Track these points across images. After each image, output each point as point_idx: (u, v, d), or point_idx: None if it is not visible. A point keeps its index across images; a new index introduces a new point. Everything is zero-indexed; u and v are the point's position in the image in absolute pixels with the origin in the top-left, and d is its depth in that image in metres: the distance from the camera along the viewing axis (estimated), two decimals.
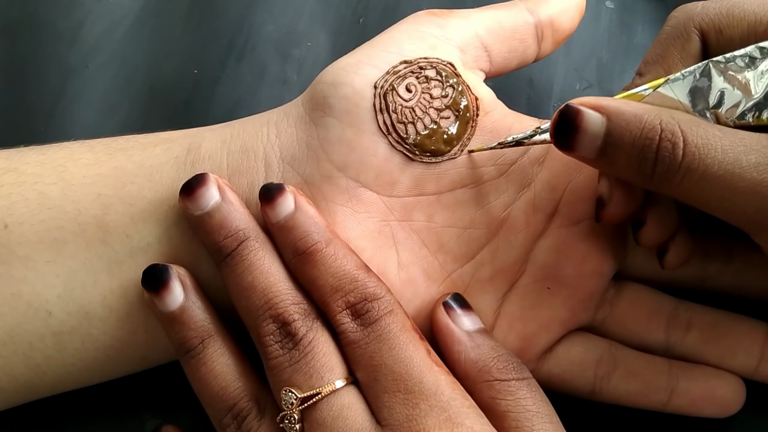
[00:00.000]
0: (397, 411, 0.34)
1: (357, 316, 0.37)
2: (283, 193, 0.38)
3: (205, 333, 0.38)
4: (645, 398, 0.40)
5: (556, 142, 0.36)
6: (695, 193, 0.33)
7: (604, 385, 0.40)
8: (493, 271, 0.41)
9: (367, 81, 0.39)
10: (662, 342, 0.41)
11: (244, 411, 0.37)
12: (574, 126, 0.35)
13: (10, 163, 0.40)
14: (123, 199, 0.39)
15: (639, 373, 0.40)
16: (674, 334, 0.41)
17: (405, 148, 0.39)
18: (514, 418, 0.36)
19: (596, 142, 0.34)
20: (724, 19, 0.36)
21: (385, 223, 0.39)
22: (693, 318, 0.41)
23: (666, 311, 0.41)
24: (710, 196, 0.33)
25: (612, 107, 0.34)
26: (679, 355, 0.41)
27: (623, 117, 0.34)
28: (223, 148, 0.40)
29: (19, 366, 0.38)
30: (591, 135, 0.34)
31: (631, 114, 0.34)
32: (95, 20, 0.54)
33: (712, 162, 0.32)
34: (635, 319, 0.41)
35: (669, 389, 0.40)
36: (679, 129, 0.33)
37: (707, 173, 0.32)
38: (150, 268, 0.38)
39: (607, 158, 0.35)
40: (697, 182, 0.33)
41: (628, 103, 0.34)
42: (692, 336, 0.41)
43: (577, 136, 0.35)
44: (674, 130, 0.33)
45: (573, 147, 0.35)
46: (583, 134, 0.35)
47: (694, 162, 0.32)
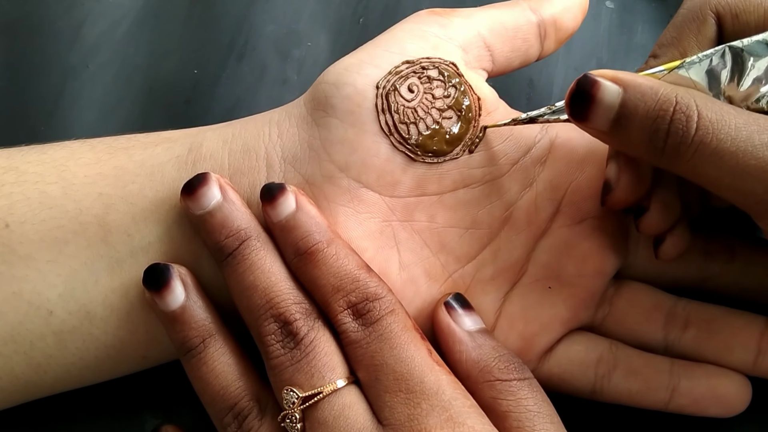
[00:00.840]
0: (398, 410, 0.35)
1: (358, 315, 0.37)
2: (284, 193, 0.38)
3: (206, 332, 0.38)
4: (646, 397, 0.40)
5: (570, 111, 0.36)
6: (706, 170, 0.33)
7: (604, 385, 0.40)
8: (495, 271, 0.41)
9: (370, 81, 0.39)
10: (661, 340, 0.41)
11: (245, 410, 0.37)
12: (590, 96, 0.35)
13: (11, 162, 0.40)
14: (124, 199, 0.39)
15: (640, 371, 0.40)
16: (672, 331, 0.41)
17: (407, 149, 0.39)
18: (515, 418, 0.36)
19: (610, 113, 0.34)
20: (741, 4, 0.36)
21: (386, 224, 0.39)
22: (691, 315, 0.41)
23: (664, 309, 0.41)
24: (721, 174, 0.33)
25: (629, 79, 0.34)
26: (678, 352, 0.41)
27: (639, 89, 0.34)
28: (225, 148, 0.40)
29: (20, 365, 0.38)
30: (606, 106, 0.34)
31: (648, 86, 0.34)
32: (95, 20, 0.54)
33: (725, 138, 0.32)
34: (634, 317, 0.41)
35: (671, 388, 0.40)
36: (694, 103, 0.33)
37: (719, 149, 0.32)
38: (151, 268, 0.38)
39: (620, 130, 0.35)
40: (709, 158, 0.33)
41: (645, 78, 0.35)
42: (690, 333, 0.41)
43: (592, 106, 0.35)
44: (689, 103, 0.33)
45: (587, 117, 0.35)
46: (598, 105, 0.34)
47: (707, 136, 0.32)
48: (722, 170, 0.33)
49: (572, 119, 0.36)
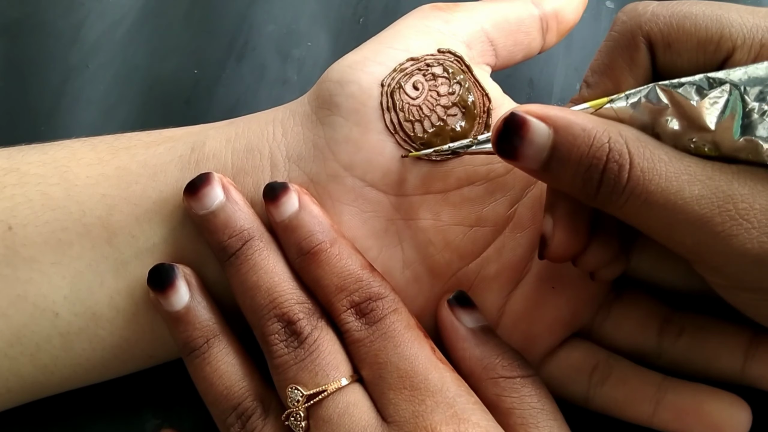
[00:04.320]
0: (403, 408, 0.35)
1: (361, 315, 0.37)
2: (287, 192, 0.38)
3: (209, 333, 0.38)
4: (631, 408, 0.40)
5: (498, 150, 0.34)
6: (637, 218, 0.32)
7: (597, 392, 0.40)
8: (499, 269, 0.41)
9: (374, 79, 0.39)
10: (655, 347, 0.41)
11: (248, 410, 0.37)
12: (518, 136, 0.33)
13: (12, 163, 0.39)
14: (127, 200, 0.39)
15: (629, 381, 0.40)
16: (666, 339, 0.40)
17: (412, 147, 0.39)
18: (519, 415, 0.36)
19: (541, 155, 0.33)
20: (674, 33, 0.33)
21: (391, 222, 0.39)
22: (685, 324, 0.40)
23: (660, 317, 0.41)
24: (651, 223, 0.32)
25: (560, 119, 0.33)
26: (671, 359, 0.40)
27: (571, 131, 0.32)
28: (228, 147, 0.40)
29: (26, 367, 0.38)
30: (536, 147, 0.33)
31: (580, 128, 0.32)
32: (95, 20, 0.54)
33: (655, 189, 0.31)
34: (630, 322, 0.41)
35: (656, 400, 0.39)
36: (626, 150, 0.32)
37: (650, 200, 0.31)
38: (156, 268, 0.38)
39: (551, 172, 0.33)
40: (640, 208, 0.32)
41: (576, 115, 0.33)
42: (682, 340, 0.40)
43: (521, 147, 0.33)
44: (622, 150, 0.32)
45: (516, 157, 0.34)
46: (527, 146, 0.33)
47: (637, 187, 0.31)
48: (653, 220, 0.32)
49: (500, 157, 0.35)
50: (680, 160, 0.32)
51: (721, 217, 0.31)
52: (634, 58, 0.34)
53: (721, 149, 0.31)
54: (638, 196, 0.31)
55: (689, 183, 0.31)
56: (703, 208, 0.31)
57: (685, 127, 0.32)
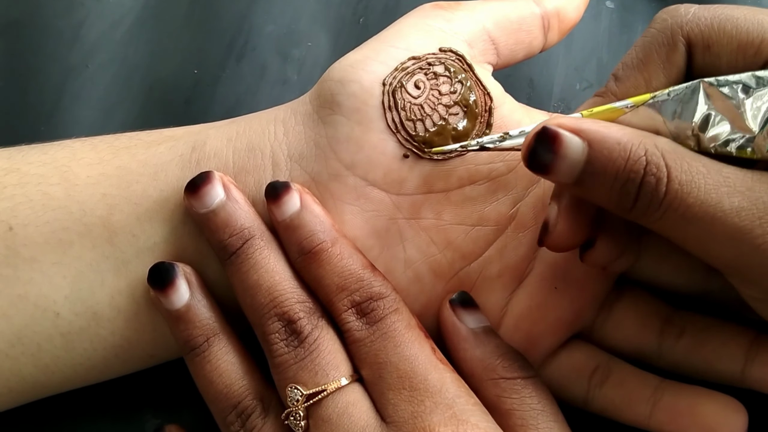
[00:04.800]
0: (402, 408, 0.35)
1: (362, 314, 0.37)
2: (288, 192, 0.38)
3: (210, 331, 0.38)
4: (628, 410, 0.39)
5: (529, 164, 0.34)
6: (674, 231, 0.32)
7: (596, 394, 0.40)
8: (501, 269, 0.41)
9: (376, 78, 0.39)
10: (655, 347, 0.40)
11: (248, 409, 0.37)
12: (551, 152, 0.33)
13: (12, 164, 0.39)
14: (128, 199, 0.39)
15: (626, 383, 0.40)
16: (668, 339, 0.40)
17: (413, 146, 0.39)
18: (519, 416, 0.36)
19: (575, 171, 0.33)
20: (714, 34, 0.33)
21: (392, 221, 0.39)
22: (687, 325, 0.40)
23: (661, 317, 0.41)
24: (689, 236, 0.32)
25: (593, 133, 0.32)
26: (672, 360, 0.40)
27: (606, 145, 0.32)
28: (229, 146, 0.40)
29: (27, 367, 0.38)
30: (570, 161, 0.33)
31: (615, 141, 0.32)
32: (95, 20, 0.54)
33: (694, 202, 0.31)
34: (631, 322, 0.41)
35: (653, 402, 0.39)
36: (663, 163, 0.31)
37: (688, 213, 0.31)
38: (156, 266, 0.38)
39: (584, 186, 0.33)
40: (677, 221, 0.31)
41: (609, 127, 0.32)
42: (683, 342, 0.40)
43: (554, 163, 0.33)
44: (659, 163, 0.31)
45: (549, 171, 0.33)
46: (561, 161, 0.33)
47: (675, 201, 0.31)
48: (690, 233, 0.32)
49: (531, 171, 0.34)
50: (719, 171, 0.31)
51: (762, 228, 0.30)
52: (670, 57, 0.34)
53: (765, 153, 0.31)
54: (676, 209, 0.31)
55: (728, 195, 0.30)
56: (743, 220, 0.30)
57: (727, 127, 0.31)
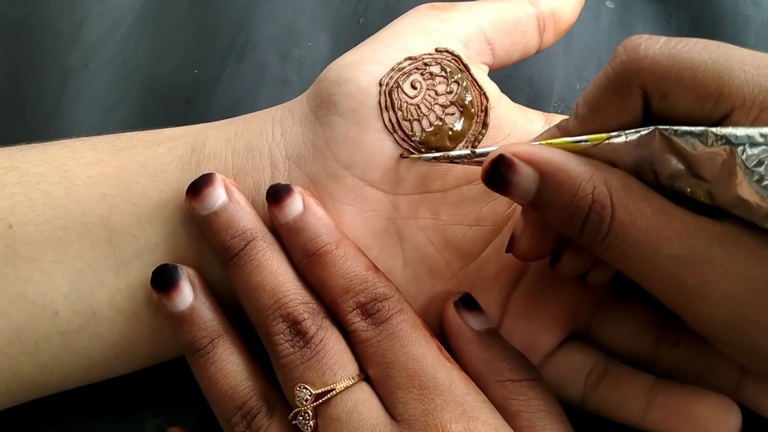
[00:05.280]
0: (412, 406, 0.35)
1: (368, 315, 0.37)
2: (291, 194, 0.38)
3: (214, 333, 0.38)
4: (622, 409, 0.39)
5: (487, 185, 0.35)
6: (618, 264, 0.32)
7: (592, 394, 0.40)
8: (499, 269, 0.41)
9: (372, 78, 0.39)
10: (651, 353, 0.40)
11: (253, 410, 0.37)
12: (505, 179, 0.34)
13: (13, 162, 0.39)
14: (128, 200, 0.39)
15: (622, 382, 0.40)
16: (663, 347, 0.40)
17: (410, 146, 0.39)
18: (526, 418, 0.36)
19: (528, 196, 0.34)
20: (672, 85, 0.32)
21: (391, 221, 0.39)
22: (682, 334, 0.40)
23: (657, 324, 0.40)
24: (631, 272, 0.32)
25: (546, 164, 0.33)
26: (666, 369, 0.40)
27: (556, 178, 0.33)
28: (228, 147, 0.40)
29: (26, 365, 0.38)
30: (522, 189, 0.34)
31: (566, 176, 0.32)
32: (95, 20, 0.54)
33: (633, 243, 0.31)
34: (628, 326, 0.41)
35: (646, 401, 0.39)
36: (609, 201, 0.32)
37: (627, 252, 0.31)
38: (159, 269, 0.38)
39: (538, 211, 0.34)
40: (619, 257, 0.32)
41: (566, 159, 0.33)
42: (679, 351, 0.40)
43: (508, 187, 0.34)
44: (605, 202, 0.32)
45: (504, 194, 0.35)
46: (514, 187, 0.34)
47: (617, 239, 0.32)
48: (633, 270, 0.32)
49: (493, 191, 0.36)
50: (664, 214, 0.31)
51: (694, 279, 0.30)
52: (625, 105, 0.33)
53: (716, 201, 0.31)
54: (617, 246, 0.32)
55: (669, 240, 0.31)
56: (678, 268, 0.30)
57: (683, 171, 0.31)
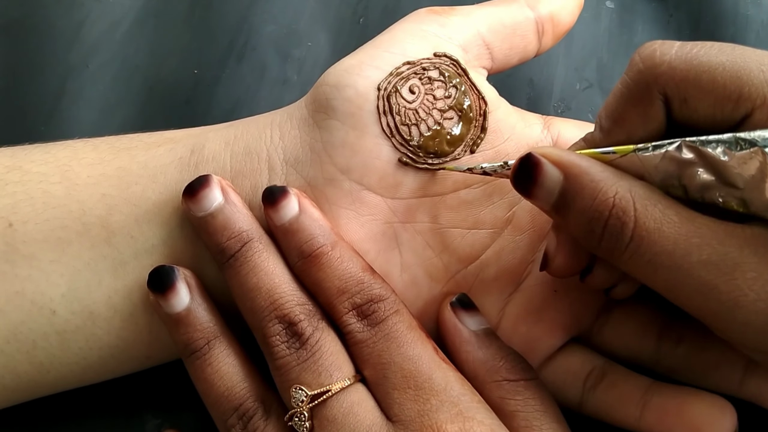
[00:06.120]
0: (408, 407, 0.35)
1: (363, 316, 0.37)
2: (286, 196, 0.38)
3: (210, 334, 0.38)
4: (619, 411, 0.39)
5: (515, 186, 0.35)
6: (642, 275, 0.32)
7: (590, 397, 0.40)
8: (498, 272, 0.41)
9: (371, 83, 0.39)
10: (653, 353, 0.40)
11: (250, 411, 0.37)
12: (531, 177, 0.34)
13: (15, 162, 0.40)
14: (127, 200, 0.39)
15: (619, 384, 0.40)
16: (665, 346, 0.40)
17: (408, 150, 0.39)
18: (523, 418, 0.36)
19: (551, 198, 0.34)
20: (691, 89, 0.31)
21: (388, 225, 0.40)
22: (685, 331, 0.40)
23: (659, 324, 0.40)
24: (657, 282, 0.32)
25: (573, 166, 0.33)
26: (669, 368, 0.40)
27: (580, 180, 0.33)
28: (227, 150, 0.40)
29: (22, 364, 0.38)
30: (546, 190, 0.34)
31: (589, 179, 0.33)
32: (95, 20, 0.54)
33: (661, 251, 0.31)
34: (629, 328, 0.41)
35: (642, 403, 0.39)
36: (632, 207, 0.31)
37: (654, 261, 0.31)
38: (156, 270, 0.38)
39: (560, 215, 0.34)
40: (645, 266, 0.31)
41: (591, 164, 0.33)
42: (681, 348, 0.40)
43: (533, 188, 0.34)
44: (627, 207, 0.31)
45: (529, 195, 0.35)
46: (539, 188, 0.34)
47: (641, 247, 0.31)
48: (658, 279, 0.32)
49: (518, 192, 0.36)
50: (692, 221, 0.31)
51: (726, 285, 0.30)
52: (648, 113, 0.33)
53: (750, 208, 0.30)
54: (642, 255, 0.31)
55: (698, 247, 0.30)
56: (709, 274, 0.30)
57: (713, 181, 0.31)
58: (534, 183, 0.34)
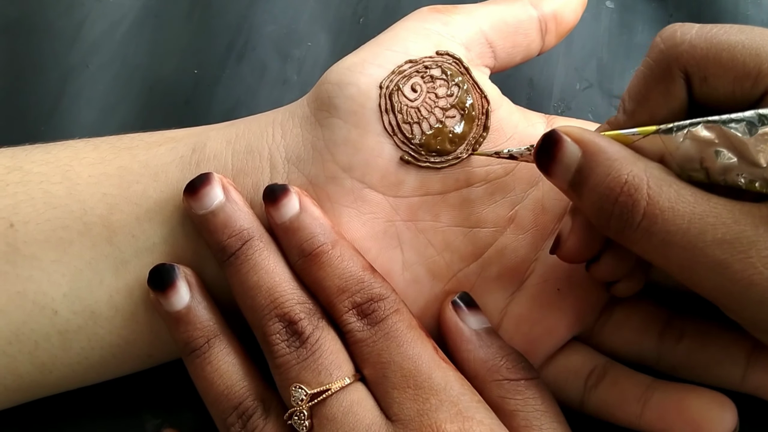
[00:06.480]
0: (407, 406, 0.35)
1: (363, 315, 0.37)
2: (287, 194, 0.38)
3: (210, 333, 0.38)
4: (620, 409, 0.39)
5: (537, 163, 0.36)
6: (653, 255, 0.32)
7: (591, 395, 0.40)
8: (500, 271, 0.41)
9: (373, 81, 0.39)
10: (654, 351, 0.40)
11: (249, 410, 0.37)
12: (551, 153, 0.34)
13: (15, 162, 0.40)
14: (128, 199, 0.39)
15: (620, 382, 0.40)
16: (666, 343, 0.40)
17: (410, 149, 0.39)
18: (523, 417, 0.36)
19: (568, 175, 0.34)
20: (711, 66, 0.32)
21: (390, 224, 0.39)
22: (686, 328, 0.40)
23: (661, 321, 0.41)
24: (670, 262, 0.32)
25: (592, 144, 0.33)
26: (670, 363, 0.40)
27: (596, 158, 0.33)
28: (228, 148, 0.40)
29: (24, 365, 0.38)
30: (564, 166, 0.34)
31: (605, 157, 0.33)
32: (95, 20, 0.54)
33: (675, 230, 0.31)
34: (631, 327, 0.41)
35: (643, 401, 0.39)
36: (645, 185, 0.31)
37: (668, 240, 0.31)
38: (156, 268, 0.38)
39: (576, 193, 0.34)
40: (657, 246, 0.31)
41: (610, 144, 0.33)
42: (683, 345, 0.40)
43: (553, 164, 0.34)
44: (640, 186, 0.32)
45: (548, 173, 0.35)
46: (558, 164, 0.34)
47: (654, 225, 0.31)
48: (671, 259, 0.31)
49: (539, 170, 0.36)
50: (707, 200, 0.31)
51: (741, 264, 0.30)
52: (670, 91, 0.33)
53: None
54: (655, 234, 0.31)
55: (713, 226, 0.30)
56: (724, 253, 0.30)
57: (735, 163, 0.31)
58: (553, 159, 0.34)
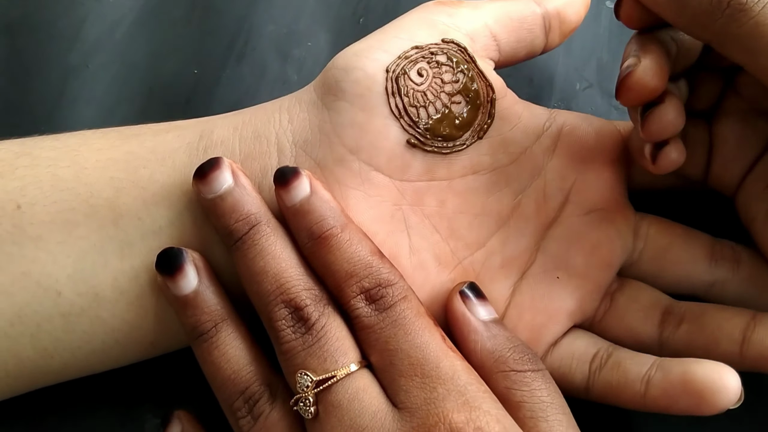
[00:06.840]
0: (414, 394, 0.34)
1: (371, 301, 0.37)
2: (298, 177, 0.38)
3: (218, 317, 0.38)
4: (625, 392, 0.39)
5: None
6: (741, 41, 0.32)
7: (597, 380, 0.40)
8: (504, 259, 0.41)
9: (379, 65, 0.39)
10: (656, 337, 0.41)
11: (256, 394, 0.37)
12: None
13: (24, 148, 0.40)
14: (135, 183, 0.39)
15: (623, 364, 0.39)
16: (667, 329, 0.40)
17: (417, 132, 0.39)
18: (529, 409, 0.36)
19: None
20: None
21: (397, 207, 0.40)
22: (686, 313, 0.40)
23: (661, 307, 0.41)
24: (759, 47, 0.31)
25: None
26: (672, 349, 0.40)
27: None
28: (235, 134, 0.40)
29: (26, 348, 0.38)
30: None
31: None
32: (95, 20, 0.54)
33: None
34: (632, 314, 0.41)
35: (646, 380, 0.38)
36: None
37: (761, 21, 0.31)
38: (164, 252, 0.38)
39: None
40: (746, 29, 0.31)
41: None
42: (682, 330, 0.40)
43: None
44: None
45: None
46: None
47: None
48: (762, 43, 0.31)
49: None
50: None
51: None
52: None
53: None
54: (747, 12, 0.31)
55: None
56: None
57: None
58: None
